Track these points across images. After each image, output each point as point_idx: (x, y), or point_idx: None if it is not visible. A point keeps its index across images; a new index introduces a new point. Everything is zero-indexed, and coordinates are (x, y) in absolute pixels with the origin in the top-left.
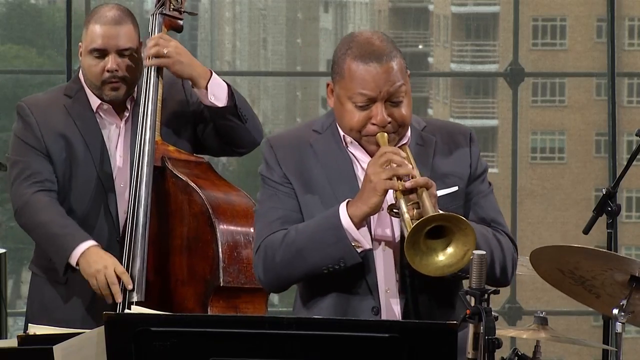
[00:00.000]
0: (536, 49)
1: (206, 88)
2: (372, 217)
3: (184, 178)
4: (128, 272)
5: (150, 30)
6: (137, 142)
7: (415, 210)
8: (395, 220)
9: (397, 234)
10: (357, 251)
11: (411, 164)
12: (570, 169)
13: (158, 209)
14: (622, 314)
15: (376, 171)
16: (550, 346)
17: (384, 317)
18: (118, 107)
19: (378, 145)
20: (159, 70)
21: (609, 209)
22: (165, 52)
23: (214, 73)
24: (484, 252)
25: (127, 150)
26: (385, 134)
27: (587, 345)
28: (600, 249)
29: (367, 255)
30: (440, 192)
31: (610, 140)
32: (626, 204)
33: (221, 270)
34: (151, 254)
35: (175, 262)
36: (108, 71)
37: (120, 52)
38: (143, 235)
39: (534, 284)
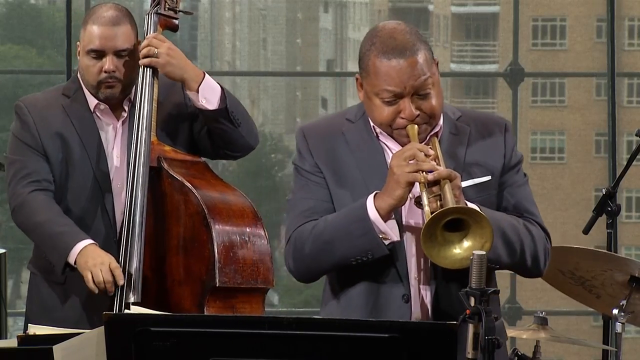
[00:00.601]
0: (536, 49)
1: (197, 91)
2: (403, 207)
3: (180, 178)
4: (125, 273)
5: (145, 29)
6: (133, 142)
7: (437, 203)
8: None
9: None
10: (384, 243)
11: (438, 156)
12: (570, 169)
13: (154, 209)
14: (622, 314)
15: (399, 164)
16: (550, 346)
17: (414, 304)
18: (115, 108)
19: (408, 138)
20: (155, 70)
21: (609, 209)
22: (156, 52)
23: (207, 75)
24: (483, 253)
25: (125, 150)
26: (415, 126)
27: (586, 345)
28: (600, 250)
29: (398, 244)
30: (471, 182)
31: (610, 140)
32: (626, 204)
33: (217, 271)
34: (147, 254)
35: (172, 262)
36: (105, 72)
37: (118, 53)
38: (139, 235)
39: (534, 284)
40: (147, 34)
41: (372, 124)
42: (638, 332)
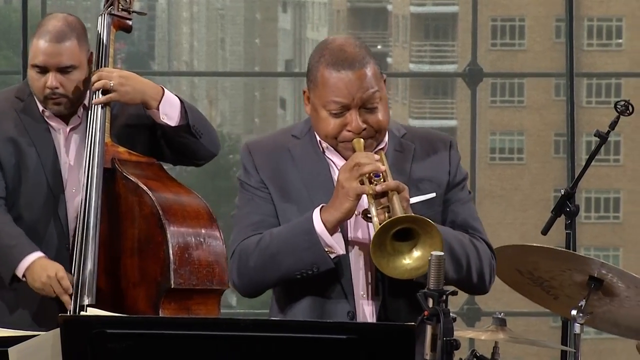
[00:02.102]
0: (495, 49)
1: (158, 108)
2: (347, 221)
3: (134, 179)
4: (79, 275)
5: (99, 30)
6: (87, 144)
7: (386, 214)
8: (371, 225)
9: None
10: (330, 257)
11: (385, 169)
12: (529, 169)
13: (109, 211)
14: (581, 315)
15: (347, 176)
16: (509, 347)
17: (360, 320)
18: (65, 115)
19: (353, 151)
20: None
21: (568, 209)
22: (111, 84)
23: (166, 91)
24: (442, 253)
25: (79, 155)
26: (362, 140)
27: (545, 346)
28: (558, 248)
29: (343, 260)
30: (417, 199)
31: (569, 141)
32: (585, 204)
33: (172, 272)
34: (102, 256)
35: (127, 264)
36: (48, 88)
37: (62, 70)
38: (94, 237)
39: (493, 285)
40: (101, 35)
41: (318, 139)
42: (597, 334)
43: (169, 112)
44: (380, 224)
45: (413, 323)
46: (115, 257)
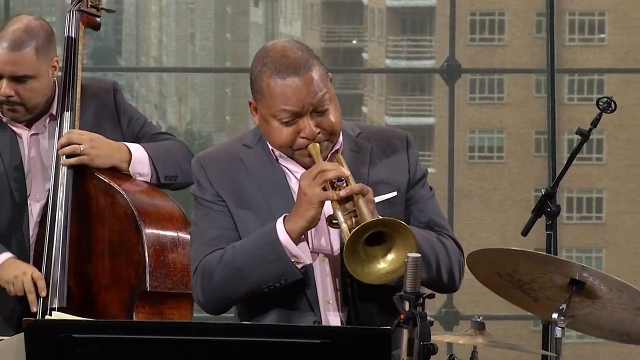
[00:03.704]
0: (473, 44)
1: (128, 170)
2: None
3: (106, 180)
4: (48, 278)
5: (67, 27)
6: (55, 143)
7: (353, 219)
8: (333, 231)
9: (336, 244)
10: (297, 267)
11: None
12: (509, 168)
13: (78, 212)
14: (562, 318)
15: (309, 184)
16: (488, 352)
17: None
18: (29, 121)
19: (310, 157)
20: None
21: (548, 209)
22: (80, 148)
23: (131, 149)
24: (418, 255)
25: (43, 160)
26: (317, 145)
27: (525, 351)
28: (540, 252)
29: (307, 269)
30: (378, 199)
31: (550, 139)
32: (566, 204)
33: (148, 275)
34: (72, 258)
35: (98, 266)
36: (2, 95)
37: (17, 78)
38: (64, 239)
39: (472, 287)
40: (69, 32)
41: (270, 147)
42: (579, 337)
43: (140, 170)
44: (349, 230)
45: (389, 327)
46: (85, 260)
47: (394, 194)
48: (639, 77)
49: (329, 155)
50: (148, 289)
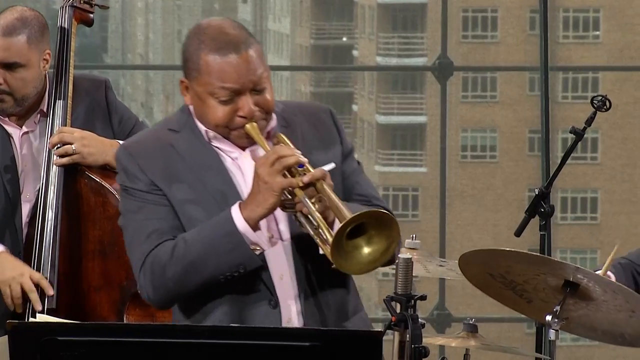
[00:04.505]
0: (466, 41)
1: None
2: None
3: (98, 179)
4: None
5: (59, 23)
6: (47, 139)
7: (318, 204)
8: (280, 214)
9: (283, 226)
10: (256, 254)
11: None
12: (502, 168)
13: (68, 211)
14: (556, 320)
15: (268, 171)
16: (481, 355)
17: (283, 309)
18: (20, 117)
19: (248, 137)
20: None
21: (542, 210)
22: (72, 148)
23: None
24: (409, 256)
25: (34, 159)
26: (255, 124)
27: (519, 353)
28: (532, 253)
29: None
30: None
31: (544, 138)
32: (561, 204)
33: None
34: (62, 259)
35: (88, 267)
36: None
37: (7, 66)
38: (54, 239)
39: (464, 289)
40: (63, 28)
41: (201, 129)
42: (573, 340)
43: None
44: (323, 218)
45: (380, 330)
46: (75, 260)
47: (333, 165)
48: (634, 75)
49: (267, 135)
50: (139, 291)
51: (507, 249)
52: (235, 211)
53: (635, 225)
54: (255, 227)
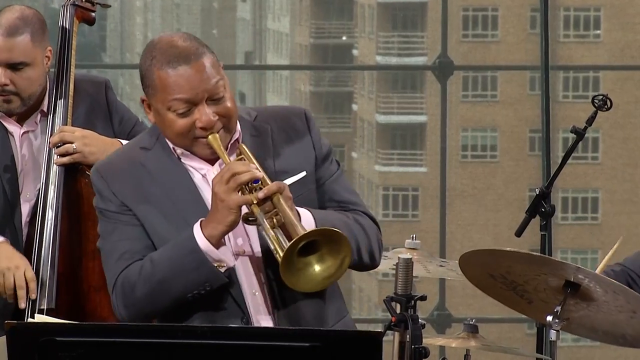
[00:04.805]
0: (466, 40)
1: None
2: None
3: None
4: (37, 278)
5: (61, 21)
6: (47, 137)
7: (274, 219)
8: (250, 228)
9: (255, 240)
10: (220, 272)
11: (253, 162)
12: (503, 167)
13: (68, 211)
14: (557, 321)
15: (224, 189)
16: (481, 355)
17: (256, 324)
18: (20, 116)
19: (211, 149)
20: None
21: (543, 209)
22: (73, 147)
23: (123, 144)
24: (409, 257)
25: (34, 159)
26: (217, 134)
27: (519, 354)
28: (533, 253)
29: (229, 270)
30: (288, 181)
31: (545, 138)
32: (561, 204)
33: None
34: (62, 259)
35: (88, 267)
36: None
37: (13, 66)
38: (54, 239)
39: (464, 289)
40: (64, 27)
41: (171, 146)
42: (574, 341)
43: None
44: (274, 230)
45: (380, 331)
46: (76, 260)
47: (303, 174)
48: (635, 74)
49: (229, 146)
50: (114, 311)
51: (508, 249)
52: (197, 230)
53: (636, 225)
54: (218, 244)
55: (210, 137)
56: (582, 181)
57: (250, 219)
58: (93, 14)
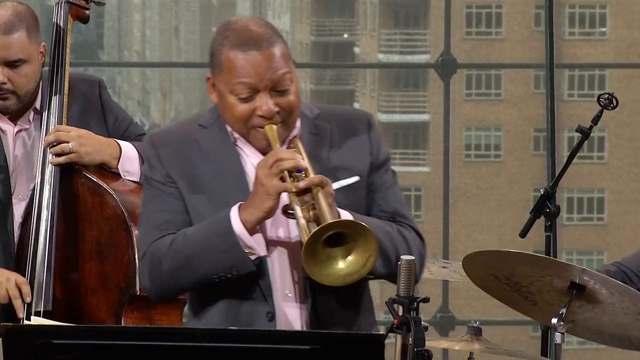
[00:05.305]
0: (470, 38)
1: (117, 167)
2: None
3: (95, 179)
4: (33, 281)
5: (55, 19)
6: (42, 137)
7: (311, 212)
8: (291, 221)
9: (294, 234)
10: (250, 259)
11: (304, 159)
12: (507, 167)
13: (64, 212)
14: (562, 323)
15: (266, 173)
16: (485, 358)
17: (280, 322)
18: (13, 114)
19: (266, 140)
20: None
21: (548, 210)
22: (69, 147)
23: (122, 145)
24: (412, 257)
25: (27, 158)
26: (274, 126)
27: (524, 357)
28: (538, 254)
29: (261, 260)
30: (339, 184)
31: (550, 137)
32: (566, 205)
33: (137, 278)
34: (58, 260)
35: (85, 269)
36: None
37: (10, 64)
38: (50, 240)
39: (468, 291)
40: (58, 24)
41: (228, 129)
42: (580, 343)
43: (130, 169)
44: (307, 225)
45: (382, 333)
46: (72, 262)
47: (356, 179)
48: None
49: (287, 140)
50: (137, 293)
51: (512, 250)
52: (234, 212)
53: None
54: (252, 230)
55: (267, 126)
56: (588, 181)
57: (289, 211)
58: (87, 11)
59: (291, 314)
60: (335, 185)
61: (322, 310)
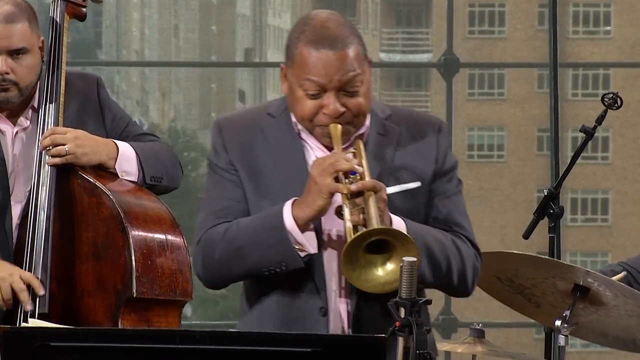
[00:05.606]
0: (472, 37)
1: (114, 167)
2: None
3: (91, 179)
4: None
5: (51, 17)
6: (38, 137)
7: (360, 216)
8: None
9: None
10: (300, 255)
11: (362, 164)
12: (510, 168)
13: (60, 213)
14: (565, 325)
15: (321, 173)
16: None
17: (332, 318)
18: (12, 114)
19: (329, 138)
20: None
21: (551, 211)
22: (66, 149)
23: (119, 145)
24: (414, 259)
25: (25, 159)
26: (339, 126)
27: None
28: (541, 256)
29: (315, 256)
30: (398, 188)
31: (553, 137)
32: (570, 205)
33: (134, 280)
34: (54, 262)
35: (81, 270)
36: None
37: (13, 53)
38: (46, 241)
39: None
40: (55, 22)
41: (294, 120)
42: (584, 346)
43: (127, 169)
44: (353, 228)
45: (384, 335)
46: (68, 263)
47: (417, 184)
48: None
49: (352, 140)
50: (134, 295)
51: (515, 251)
52: (287, 207)
53: None
54: (303, 227)
55: (331, 125)
56: (592, 182)
57: (342, 212)
58: (84, 9)
59: (340, 311)
60: (396, 188)
61: (364, 311)
